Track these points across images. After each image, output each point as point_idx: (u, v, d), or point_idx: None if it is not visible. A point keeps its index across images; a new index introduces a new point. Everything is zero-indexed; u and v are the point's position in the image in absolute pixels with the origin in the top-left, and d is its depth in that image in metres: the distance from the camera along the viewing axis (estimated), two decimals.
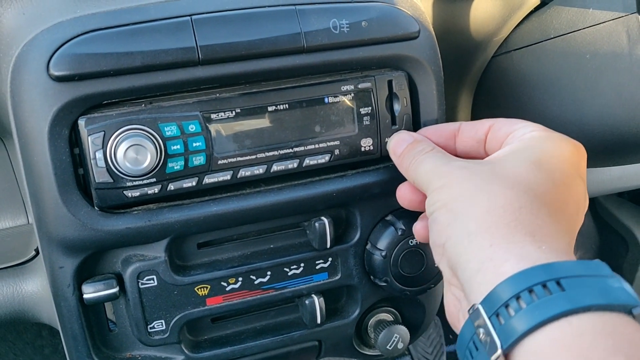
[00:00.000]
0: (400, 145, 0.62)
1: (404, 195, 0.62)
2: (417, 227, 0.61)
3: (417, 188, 0.58)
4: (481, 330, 0.43)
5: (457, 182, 0.52)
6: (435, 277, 0.70)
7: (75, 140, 0.59)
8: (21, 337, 1.40)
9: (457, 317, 0.53)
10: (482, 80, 0.91)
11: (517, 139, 0.55)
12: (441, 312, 0.81)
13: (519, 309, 0.42)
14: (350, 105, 0.64)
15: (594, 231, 1.58)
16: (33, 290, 0.75)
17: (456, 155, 0.62)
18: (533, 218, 0.47)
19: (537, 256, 0.44)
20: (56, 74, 0.56)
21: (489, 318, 0.43)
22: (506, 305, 0.42)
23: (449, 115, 0.94)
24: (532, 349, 0.40)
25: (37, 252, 0.78)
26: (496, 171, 0.51)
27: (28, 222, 0.91)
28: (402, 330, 0.72)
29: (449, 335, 1.64)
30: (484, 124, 0.60)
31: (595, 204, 1.53)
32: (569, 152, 0.53)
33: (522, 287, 0.42)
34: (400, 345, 0.72)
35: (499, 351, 0.41)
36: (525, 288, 0.42)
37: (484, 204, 0.49)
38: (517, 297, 0.42)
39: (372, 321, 0.75)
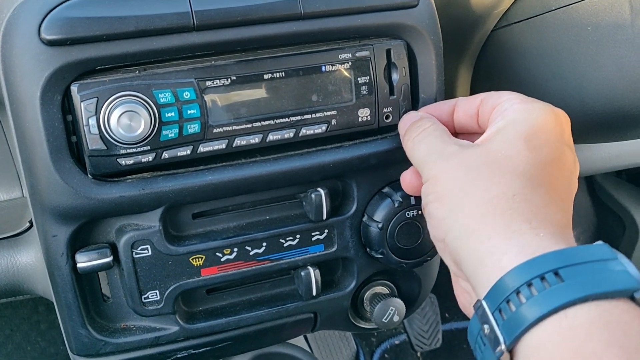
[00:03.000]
0: (405, 124, 0.62)
1: (409, 183, 0.62)
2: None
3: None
4: (486, 326, 0.44)
5: (449, 173, 0.52)
6: (431, 249, 0.70)
7: (68, 106, 0.58)
8: (17, 313, 1.40)
9: (469, 310, 0.53)
10: (482, 55, 0.90)
11: (501, 114, 0.55)
12: (437, 288, 0.81)
13: (519, 304, 0.42)
14: (348, 74, 0.63)
15: (591, 211, 1.58)
16: (27, 262, 0.75)
17: (454, 131, 0.61)
18: (527, 204, 0.47)
19: (536, 245, 0.44)
20: (48, 38, 0.55)
21: (492, 314, 0.43)
22: (507, 301, 0.42)
23: (448, 90, 0.93)
24: (533, 344, 0.41)
25: (32, 224, 0.77)
26: (486, 156, 0.51)
27: (22, 195, 0.90)
28: (398, 303, 0.72)
29: (445, 313, 1.65)
30: (477, 98, 0.59)
31: (593, 184, 1.52)
32: (552, 122, 0.53)
33: (521, 281, 0.42)
34: (395, 318, 0.72)
35: (502, 347, 0.41)
36: (525, 282, 0.42)
37: (478, 196, 0.48)
38: (517, 291, 0.42)
39: (367, 294, 0.74)
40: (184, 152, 0.60)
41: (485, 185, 0.49)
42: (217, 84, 0.59)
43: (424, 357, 1.58)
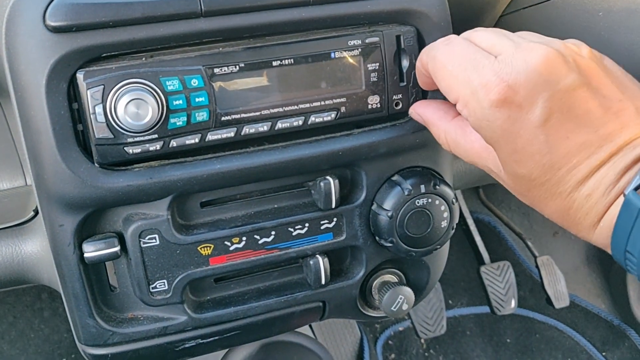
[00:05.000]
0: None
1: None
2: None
3: None
4: None
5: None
6: (441, 238, 0.69)
7: (73, 94, 0.57)
8: (20, 300, 1.40)
9: (481, 156, 0.54)
10: None
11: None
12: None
13: None
14: (357, 60, 0.62)
15: None
16: (33, 251, 0.74)
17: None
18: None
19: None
20: (53, 24, 0.54)
21: None
22: None
23: None
24: None
25: (36, 213, 0.76)
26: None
27: (26, 184, 0.90)
28: (407, 292, 0.72)
29: (449, 300, 1.65)
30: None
31: None
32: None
33: None
34: (404, 307, 0.72)
35: None
36: None
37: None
38: None
39: (376, 282, 0.74)
40: (192, 140, 0.59)
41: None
42: (225, 71, 0.59)
43: (428, 343, 1.58)
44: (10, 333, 1.38)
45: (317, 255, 0.68)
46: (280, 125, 0.62)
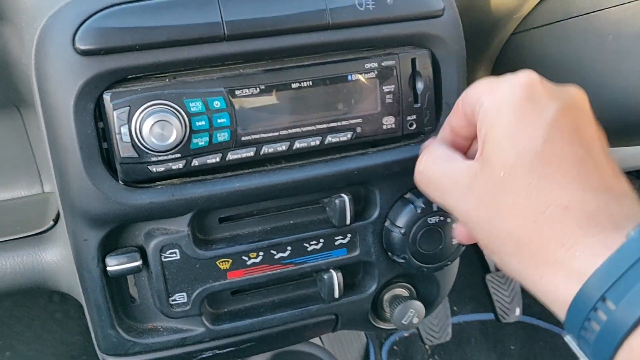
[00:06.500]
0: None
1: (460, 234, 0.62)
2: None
3: None
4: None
5: (471, 212, 0.52)
6: (452, 254, 0.71)
7: (99, 114, 0.59)
8: (36, 302, 1.42)
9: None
10: (500, 58, 0.91)
11: (479, 120, 0.52)
12: None
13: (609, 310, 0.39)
14: (374, 82, 0.64)
15: None
16: (52, 260, 0.76)
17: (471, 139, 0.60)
18: (564, 216, 0.45)
19: (614, 239, 0.41)
20: (82, 47, 0.56)
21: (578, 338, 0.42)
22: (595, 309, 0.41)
23: None
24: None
25: (56, 222, 0.78)
26: (491, 181, 0.49)
27: (43, 192, 0.91)
28: (418, 306, 0.74)
29: (454, 307, 1.67)
30: (457, 105, 0.57)
31: None
32: (521, 99, 0.50)
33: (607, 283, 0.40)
34: (415, 320, 0.74)
35: None
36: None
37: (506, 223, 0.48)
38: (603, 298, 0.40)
39: (387, 296, 0.76)
40: (214, 159, 0.61)
41: (505, 212, 0.48)
42: (246, 92, 0.60)
43: (433, 349, 1.60)
44: (27, 334, 1.41)
45: (331, 270, 0.70)
46: (297, 145, 0.63)
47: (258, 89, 0.61)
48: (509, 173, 0.48)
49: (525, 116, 0.48)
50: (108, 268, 0.63)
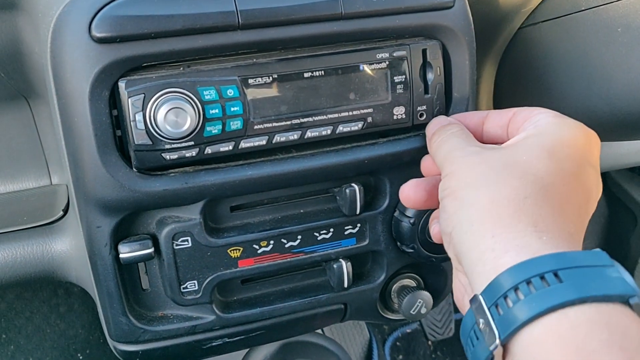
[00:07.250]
0: (434, 127, 0.63)
1: (428, 168, 0.63)
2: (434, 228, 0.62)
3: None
4: (481, 320, 0.45)
5: (466, 170, 0.52)
6: None
7: (113, 101, 0.59)
8: (37, 295, 1.42)
9: (462, 303, 0.55)
10: (508, 52, 0.91)
11: (533, 124, 0.55)
12: None
13: (517, 300, 0.43)
14: (385, 73, 0.65)
15: (603, 203, 1.59)
16: (62, 250, 0.77)
17: (482, 142, 0.62)
18: (537, 209, 0.48)
19: (538, 247, 0.45)
20: (98, 35, 0.56)
21: (489, 309, 0.44)
22: (505, 297, 0.43)
23: None
24: (529, 340, 0.42)
25: (65, 212, 0.79)
26: (507, 158, 0.51)
27: (51, 183, 0.92)
28: (426, 296, 0.74)
29: None
30: (509, 111, 0.60)
31: (606, 177, 1.54)
32: (582, 140, 0.53)
33: (520, 278, 0.43)
34: (423, 310, 0.74)
35: (497, 341, 0.43)
36: (524, 280, 0.43)
37: (489, 194, 0.49)
38: (516, 288, 0.43)
39: (395, 286, 0.76)
40: (226, 147, 0.62)
41: (499, 184, 0.49)
42: (259, 81, 0.61)
43: (435, 345, 1.60)
44: (27, 328, 1.41)
45: (341, 259, 0.70)
46: (309, 134, 0.64)
47: (271, 78, 0.61)
48: (521, 166, 0.50)
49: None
50: (120, 255, 0.63)
